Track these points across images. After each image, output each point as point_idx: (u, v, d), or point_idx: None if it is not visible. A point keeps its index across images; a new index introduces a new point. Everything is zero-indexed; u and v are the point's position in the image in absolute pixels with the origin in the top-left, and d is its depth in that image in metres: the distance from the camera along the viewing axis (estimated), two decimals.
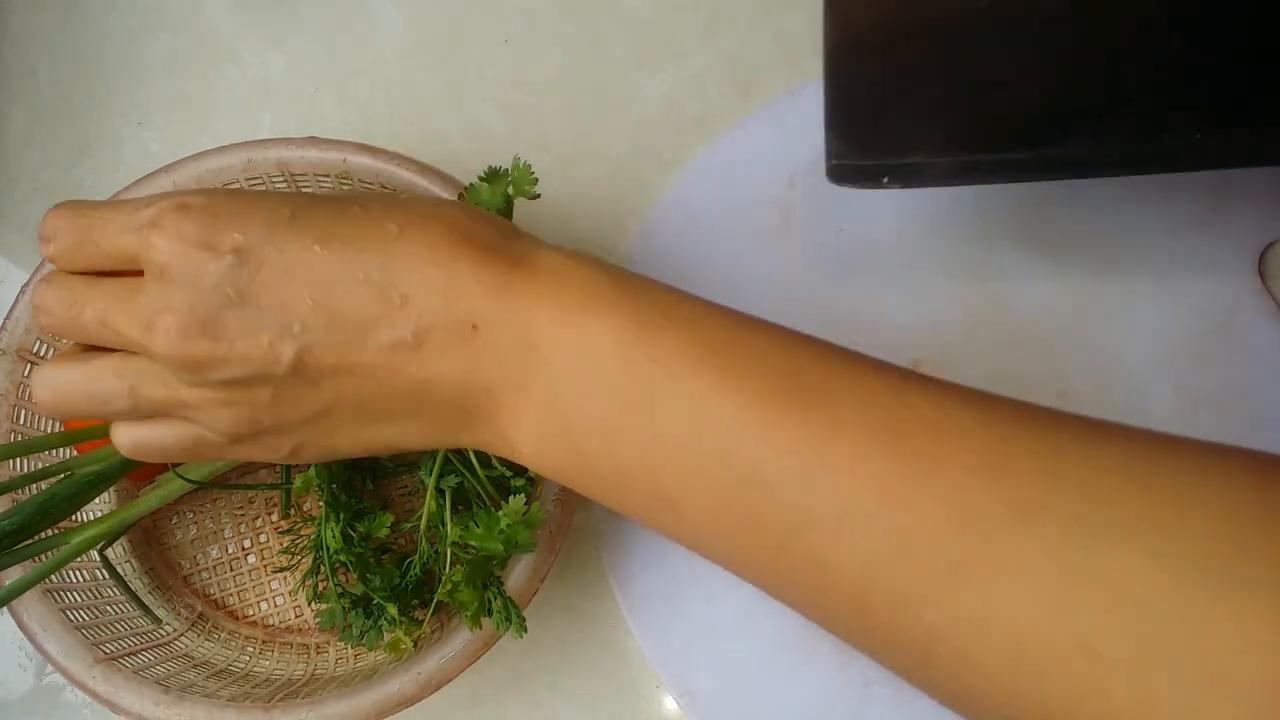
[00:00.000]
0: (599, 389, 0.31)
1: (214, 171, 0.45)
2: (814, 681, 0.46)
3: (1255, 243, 0.51)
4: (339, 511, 0.44)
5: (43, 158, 0.55)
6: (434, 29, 0.57)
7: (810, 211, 0.52)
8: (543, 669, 0.48)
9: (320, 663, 0.46)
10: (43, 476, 0.41)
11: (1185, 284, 0.51)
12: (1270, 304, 0.51)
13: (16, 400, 0.44)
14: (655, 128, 0.55)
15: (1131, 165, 0.38)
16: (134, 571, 0.47)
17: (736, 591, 0.48)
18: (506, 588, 0.41)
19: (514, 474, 0.44)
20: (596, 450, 0.32)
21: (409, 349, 0.32)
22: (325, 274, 0.32)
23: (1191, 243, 0.51)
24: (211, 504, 0.49)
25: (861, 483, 0.28)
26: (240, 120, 0.55)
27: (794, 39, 0.56)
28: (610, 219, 0.54)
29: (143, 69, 0.56)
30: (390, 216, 0.33)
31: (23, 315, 0.44)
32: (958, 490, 0.28)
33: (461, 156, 0.54)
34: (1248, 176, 0.52)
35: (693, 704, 0.47)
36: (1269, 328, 0.50)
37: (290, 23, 0.57)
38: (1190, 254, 0.51)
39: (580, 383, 0.32)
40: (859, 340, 0.51)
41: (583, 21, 0.56)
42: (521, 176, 0.42)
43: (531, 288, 0.32)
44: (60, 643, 0.41)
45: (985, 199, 0.52)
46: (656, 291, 0.34)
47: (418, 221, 0.33)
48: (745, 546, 0.31)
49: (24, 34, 0.57)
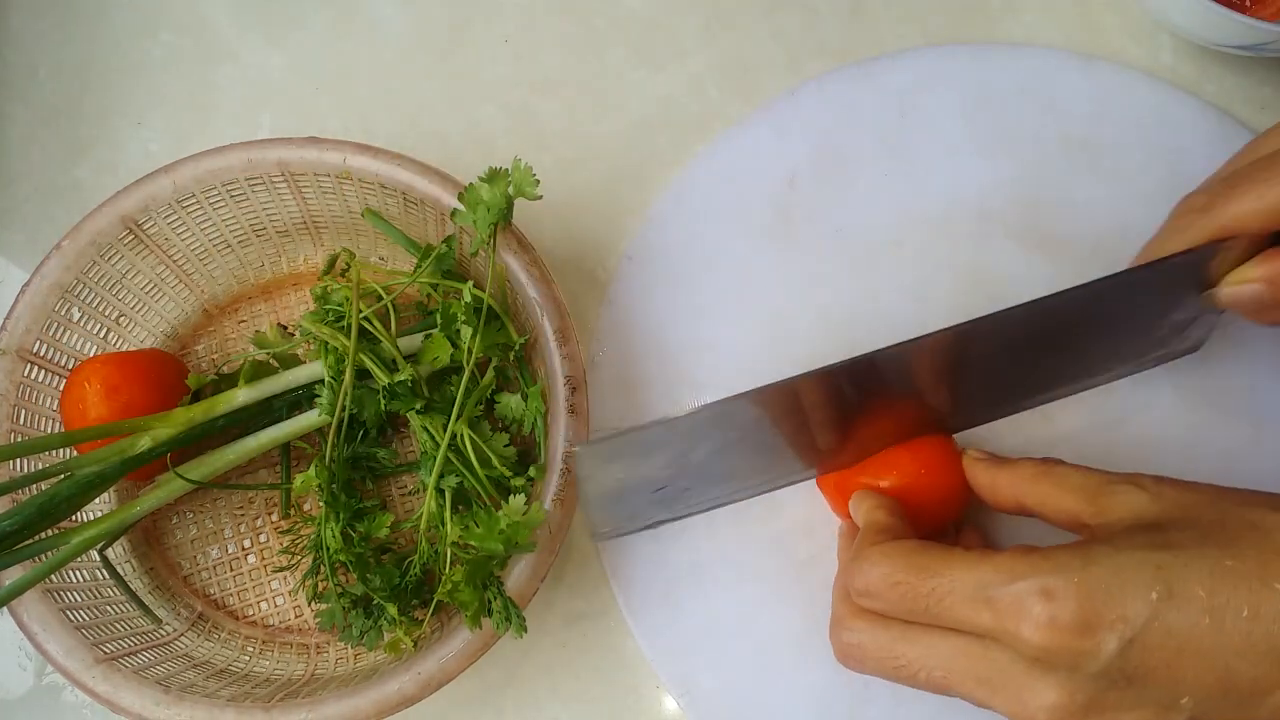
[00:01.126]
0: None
1: (214, 171, 0.45)
2: (814, 682, 0.46)
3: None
4: (339, 511, 0.44)
5: (43, 158, 0.55)
6: (434, 29, 0.57)
7: (810, 211, 0.52)
8: (542, 669, 0.48)
9: (320, 663, 0.46)
10: (43, 477, 0.41)
11: None
12: None
13: (16, 400, 0.44)
14: (655, 128, 0.55)
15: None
16: (134, 571, 0.47)
17: (736, 592, 0.48)
18: (506, 588, 0.41)
19: (514, 474, 0.44)
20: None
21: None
22: (1215, 647, 0.31)
23: None
24: (211, 504, 0.49)
25: None
26: (240, 120, 0.55)
27: (793, 39, 0.56)
28: (610, 219, 0.54)
29: (143, 69, 0.56)
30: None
31: (23, 315, 0.44)
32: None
33: (461, 156, 0.54)
34: None
35: (693, 704, 0.47)
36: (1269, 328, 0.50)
37: (290, 23, 0.57)
38: None
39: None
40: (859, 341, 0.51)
41: (583, 21, 0.56)
42: (523, 177, 0.42)
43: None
44: (60, 643, 0.41)
45: (985, 200, 0.52)
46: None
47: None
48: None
49: (25, 35, 0.57)
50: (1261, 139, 0.43)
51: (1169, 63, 0.55)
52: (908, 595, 0.35)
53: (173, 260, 0.48)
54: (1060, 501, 0.37)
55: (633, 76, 0.56)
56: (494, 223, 0.43)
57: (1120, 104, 0.54)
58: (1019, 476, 0.39)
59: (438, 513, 0.43)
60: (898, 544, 0.37)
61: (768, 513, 0.49)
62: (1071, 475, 0.38)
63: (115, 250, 0.46)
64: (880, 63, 0.55)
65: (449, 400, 0.44)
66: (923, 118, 0.54)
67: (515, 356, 0.45)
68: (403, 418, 0.48)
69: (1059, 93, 0.54)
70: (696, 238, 0.52)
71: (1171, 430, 0.49)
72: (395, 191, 0.46)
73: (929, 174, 0.53)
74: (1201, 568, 0.32)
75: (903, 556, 0.36)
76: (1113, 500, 0.36)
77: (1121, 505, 0.35)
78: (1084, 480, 0.37)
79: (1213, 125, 0.53)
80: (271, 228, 0.49)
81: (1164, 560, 0.32)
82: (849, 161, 0.53)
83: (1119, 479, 0.36)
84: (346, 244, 0.51)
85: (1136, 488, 0.36)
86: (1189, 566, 0.32)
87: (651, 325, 0.51)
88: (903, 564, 0.36)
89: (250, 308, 0.51)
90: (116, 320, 0.48)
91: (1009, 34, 0.56)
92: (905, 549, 0.37)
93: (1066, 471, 0.38)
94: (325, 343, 0.45)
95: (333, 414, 0.44)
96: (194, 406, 0.44)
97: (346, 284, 0.46)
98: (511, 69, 0.56)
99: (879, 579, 0.36)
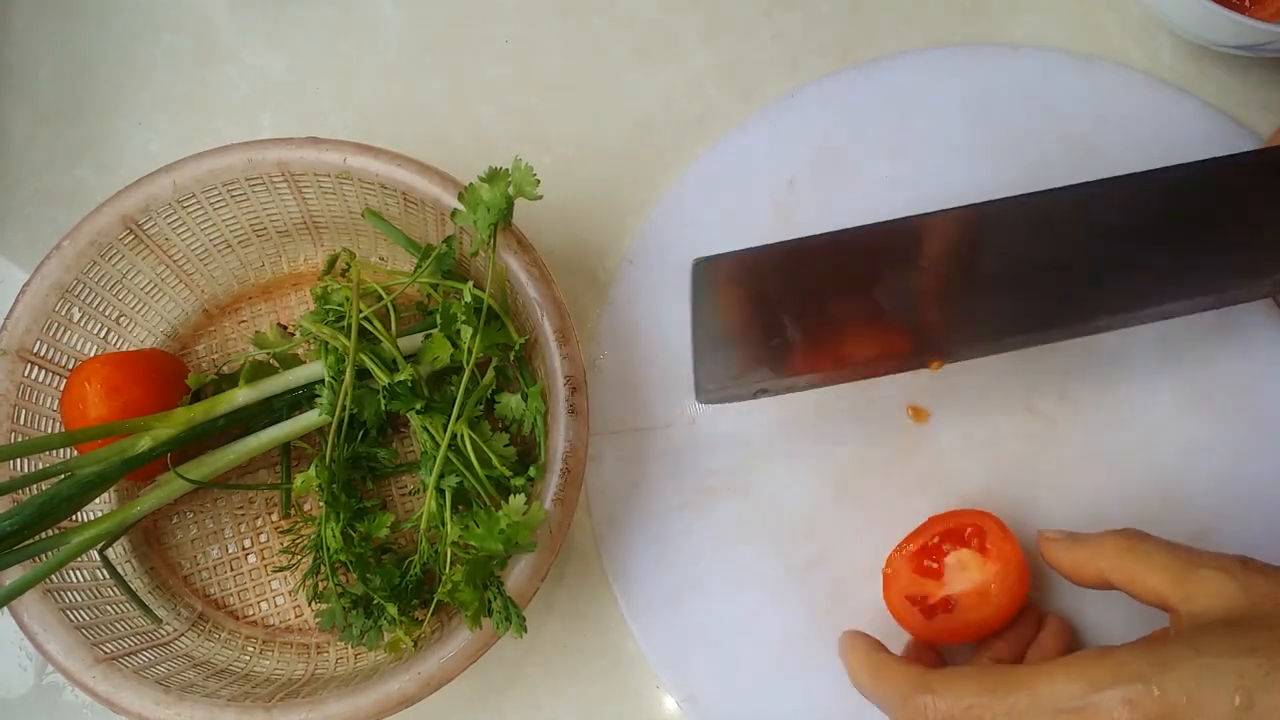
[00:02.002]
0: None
1: (214, 171, 0.45)
2: (815, 684, 0.46)
3: None
4: (339, 511, 0.44)
5: (44, 158, 0.55)
6: (434, 29, 0.57)
7: (810, 213, 0.52)
8: (543, 670, 0.48)
9: (320, 663, 0.46)
10: (43, 477, 0.41)
11: None
12: (1270, 304, 0.51)
13: (17, 400, 0.44)
14: (655, 128, 0.55)
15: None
16: (134, 571, 0.47)
17: (738, 595, 0.48)
18: (506, 588, 0.41)
19: (514, 474, 0.44)
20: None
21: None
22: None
23: None
24: (211, 504, 0.49)
25: None
26: (240, 120, 0.55)
27: (793, 40, 0.56)
28: (610, 219, 0.54)
29: (143, 69, 0.56)
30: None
31: (23, 315, 0.44)
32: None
33: (462, 156, 0.54)
34: None
35: (694, 706, 0.47)
36: (1269, 328, 0.50)
37: (290, 23, 0.57)
38: None
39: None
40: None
41: (583, 21, 0.56)
42: (524, 178, 0.42)
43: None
44: (60, 643, 0.41)
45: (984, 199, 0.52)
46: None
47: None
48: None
49: (26, 36, 0.57)
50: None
51: (1169, 63, 0.55)
52: (984, 718, 0.35)
53: (173, 260, 0.48)
54: (1147, 580, 0.37)
55: (633, 76, 0.56)
56: (494, 223, 0.43)
57: (1120, 105, 0.54)
58: (1102, 553, 0.39)
59: (438, 513, 0.43)
60: (959, 669, 0.37)
61: (767, 516, 0.49)
62: (1156, 553, 0.37)
63: (115, 250, 0.46)
64: (880, 64, 0.55)
65: (449, 400, 0.44)
66: (923, 119, 0.54)
67: (515, 356, 0.46)
68: (403, 418, 0.48)
69: (1059, 94, 0.54)
70: (697, 239, 0.52)
71: (1171, 431, 0.49)
72: (395, 192, 0.46)
73: (929, 174, 0.53)
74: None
75: (971, 679, 0.36)
76: (1200, 586, 0.36)
77: (1208, 593, 0.35)
78: (1170, 560, 0.37)
79: (1212, 125, 0.53)
80: (271, 228, 0.49)
81: (1246, 668, 0.32)
82: (849, 163, 0.53)
83: (1206, 561, 0.36)
84: (346, 244, 0.51)
85: (1224, 573, 0.35)
86: (1271, 675, 0.32)
87: (652, 327, 0.51)
88: (973, 686, 0.35)
89: (250, 308, 0.51)
90: (116, 320, 0.48)
91: (1009, 34, 0.56)
92: (969, 673, 0.36)
93: (1151, 549, 0.38)
94: (325, 343, 0.45)
95: (333, 414, 0.44)
96: (194, 406, 0.44)
97: (346, 284, 0.46)
98: (511, 69, 0.56)
99: (952, 704, 0.35)
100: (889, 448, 0.49)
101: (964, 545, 0.45)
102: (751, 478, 0.49)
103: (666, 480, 0.49)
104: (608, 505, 0.49)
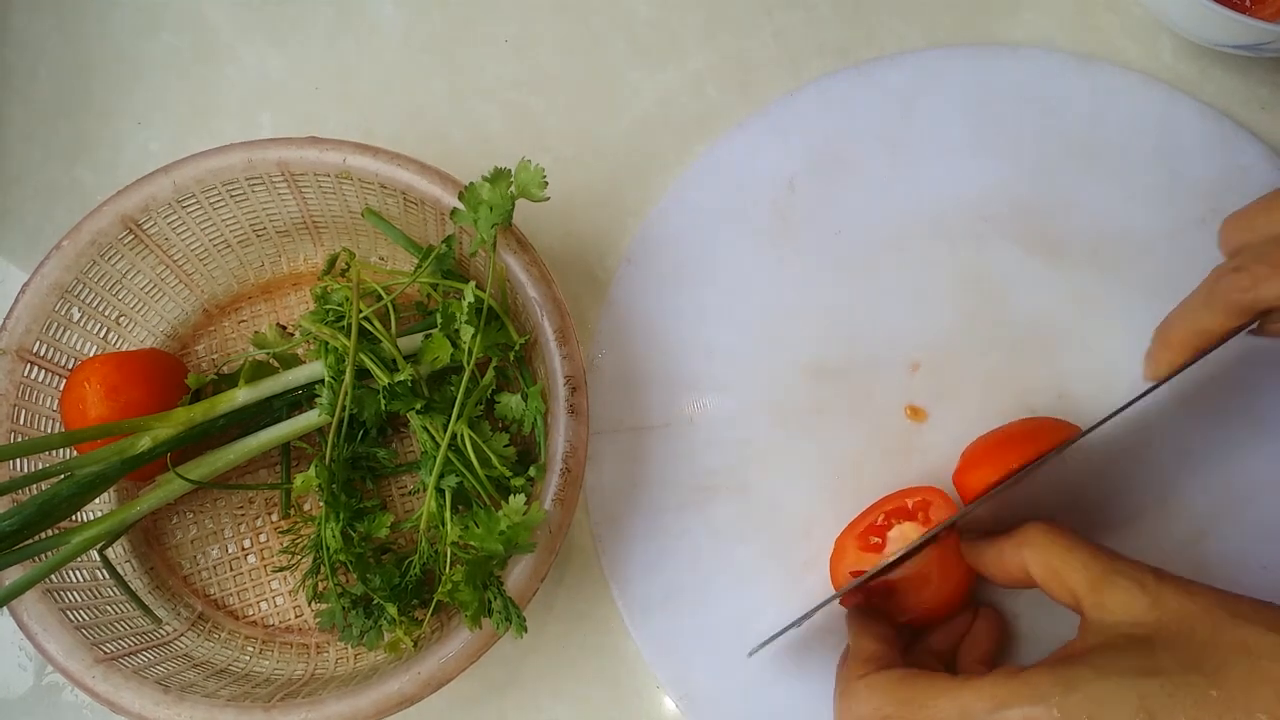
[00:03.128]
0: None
1: (214, 171, 0.45)
2: (812, 685, 0.46)
3: None
4: (339, 511, 0.44)
5: (43, 157, 0.55)
6: (434, 29, 0.57)
7: (809, 213, 0.52)
8: (542, 670, 0.48)
9: (320, 663, 0.46)
10: (43, 477, 0.41)
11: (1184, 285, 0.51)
12: None
13: (16, 400, 0.44)
14: (655, 128, 0.55)
15: None
16: (134, 571, 0.47)
17: (735, 595, 0.48)
18: (506, 588, 0.41)
19: (514, 474, 0.44)
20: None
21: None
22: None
23: (1191, 244, 0.51)
24: (211, 504, 0.49)
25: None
26: (240, 120, 0.55)
27: (794, 39, 0.56)
28: (610, 219, 0.54)
29: (143, 69, 0.56)
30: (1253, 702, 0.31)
31: (23, 315, 0.44)
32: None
33: (462, 156, 0.54)
34: (1245, 179, 0.52)
35: (692, 706, 0.47)
36: None
37: (290, 23, 0.57)
38: (1190, 255, 0.51)
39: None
40: (859, 341, 0.51)
41: (583, 21, 0.56)
42: (530, 179, 0.42)
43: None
44: (60, 643, 0.41)
45: (985, 201, 0.52)
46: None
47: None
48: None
49: (25, 35, 0.57)
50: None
51: (1169, 63, 0.55)
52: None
53: (173, 260, 0.48)
54: (1066, 577, 0.38)
55: (633, 76, 0.56)
56: (496, 223, 0.43)
57: (1120, 106, 0.54)
58: (1026, 541, 0.40)
59: (438, 513, 0.43)
60: (884, 675, 0.38)
61: (766, 516, 0.49)
62: (1078, 550, 0.38)
63: (115, 250, 0.46)
64: (880, 64, 0.55)
65: (449, 400, 0.44)
66: (922, 119, 0.54)
67: (515, 356, 0.46)
68: (403, 418, 0.48)
69: (1058, 95, 0.54)
70: (696, 240, 0.52)
71: (1170, 432, 0.49)
72: (395, 191, 0.46)
73: (929, 176, 0.53)
74: (1185, 697, 0.32)
75: (889, 690, 0.37)
76: (1113, 595, 0.36)
77: (1120, 605, 0.36)
78: (1090, 559, 0.37)
79: (1211, 127, 0.53)
80: (271, 228, 0.49)
81: (1148, 689, 0.32)
82: (849, 163, 0.53)
83: (1122, 569, 0.37)
84: (346, 244, 0.51)
85: (1138, 586, 0.36)
86: (1173, 696, 0.32)
87: (651, 327, 0.51)
88: (890, 697, 0.37)
89: (250, 308, 0.51)
90: (116, 320, 0.48)
91: (1009, 34, 0.56)
92: (891, 681, 0.38)
93: (1074, 544, 0.38)
94: (325, 343, 0.45)
95: (333, 414, 0.44)
96: (194, 406, 0.44)
97: (346, 284, 0.46)
98: (511, 69, 0.56)
99: (870, 714, 0.38)
100: (888, 448, 0.49)
101: (909, 518, 0.45)
102: (750, 478, 0.49)
103: (665, 480, 0.49)
104: (606, 505, 0.49)
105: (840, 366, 0.50)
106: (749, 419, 0.50)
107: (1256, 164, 0.53)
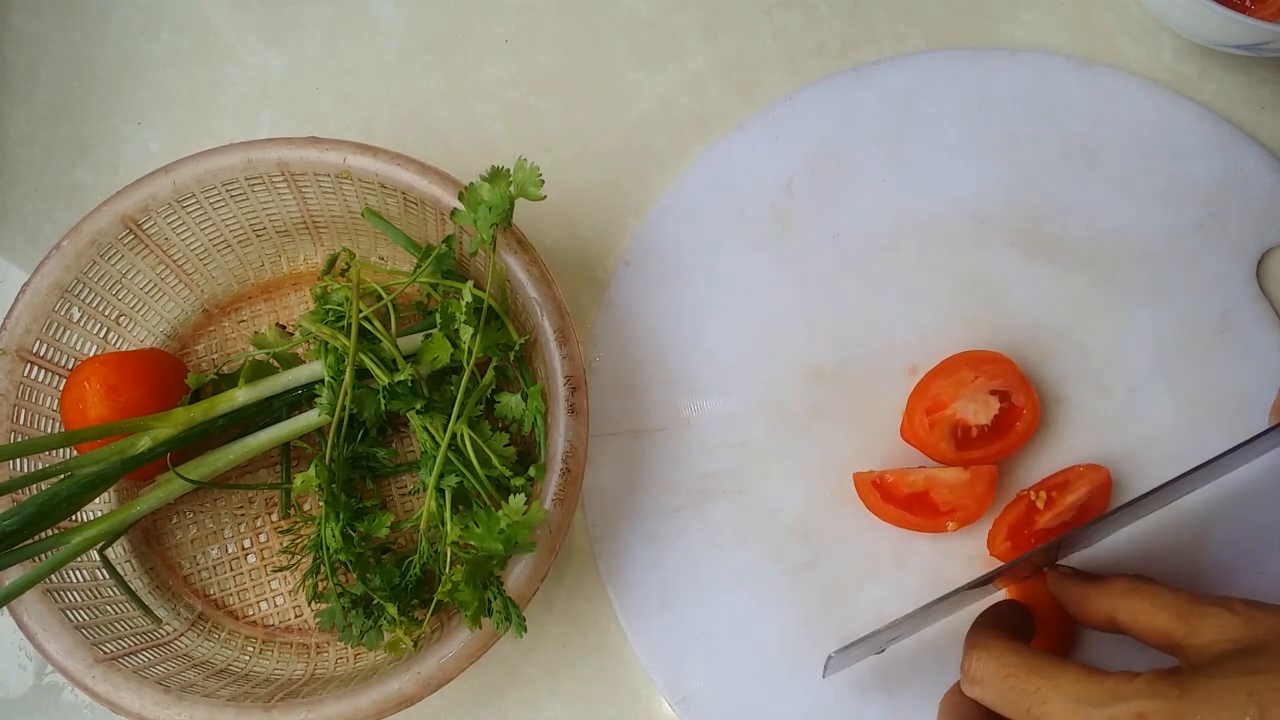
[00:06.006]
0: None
1: (214, 171, 0.45)
2: (809, 686, 0.46)
3: (1253, 248, 0.51)
4: (339, 511, 0.44)
5: (43, 157, 0.55)
6: (434, 29, 0.57)
7: (807, 216, 0.52)
8: (542, 670, 0.48)
9: (320, 663, 0.46)
10: (43, 477, 0.41)
11: (1183, 289, 0.51)
12: (1268, 309, 0.51)
13: (16, 400, 0.44)
14: (655, 128, 0.55)
15: None
16: (134, 571, 0.47)
17: (733, 596, 0.48)
18: (506, 588, 0.41)
19: (514, 474, 0.44)
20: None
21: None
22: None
23: (1190, 248, 0.51)
24: (211, 504, 0.49)
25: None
26: (240, 120, 0.55)
27: (793, 39, 0.56)
28: (610, 219, 0.54)
29: (143, 69, 0.56)
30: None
31: (23, 315, 0.44)
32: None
33: (461, 156, 0.54)
34: (1245, 183, 0.52)
35: (688, 708, 0.47)
36: (1266, 333, 0.50)
37: (290, 23, 0.57)
38: (1189, 260, 0.51)
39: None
40: (857, 344, 0.51)
41: (583, 21, 0.56)
42: (527, 178, 0.42)
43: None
44: (60, 643, 0.41)
45: (983, 204, 0.52)
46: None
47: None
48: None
49: (25, 35, 0.57)
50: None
51: (1169, 63, 0.55)
52: (1014, 689, 0.37)
53: (173, 260, 0.48)
54: (1153, 619, 0.38)
55: (633, 76, 0.56)
56: (495, 223, 0.43)
57: (1119, 108, 0.54)
58: (1111, 592, 0.40)
59: (438, 513, 0.43)
60: (1016, 641, 0.39)
61: (763, 518, 0.49)
62: (1163, 593, 0.39)
63: (115, 250, 0.46)
64: (879, 66, 0.55)
65: (449, 400, 0.44)
66: (921, 122, 0.54)
67: (515, 356, 0.46)
68: (403, 418, 0.48)
69: (1057, 97, 0.54)
70: (695, 241, 0.52)
71: (1170, 433, 0.49)
72: (395, 191, 0.46)
73: (927, 178, 0.53)
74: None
75: (1019, 653, 0.38)
76: (1205, 622, 0.37)
77: (1214, 628, 0.37)
78: (1176, 599, 0.38)
79: (1211, 129, 0.53)
80: (271, 228, 0.49)
81: (1256, 685, 0.33)
82: (847, 166, 0.53)
83: (1210, 601, 0.37)
84: (346, 244, 0.51)
85: (1228, 611, 0.37)
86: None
87: (650, 328, 0.51)
88: (1016, 659, 0.38)
89: (250, 308, 0.51)
90: (116, 320, 0.48)
91: (1009, 34, 0.56)
92: (1021, 647, 0.39)
93: (1157, 590, 0.39)
94: (325, 343, 0.45)
95: (333, 414, 0.44)
96: (194, 406, 0.44)
97: (346, 284, 0.46)
98: (511, 69, 0.56)
99: (993, 666, 0.38)
100: (886, 450, 0.49)
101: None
102: (747, 480, 0.49)
103: (662, 482, 0.49)
104: (603, 506, 0.49)
105: (838, 369, 0.50)
106: (747, 421, 0.50)
107: (1256, 168, 0.53)
